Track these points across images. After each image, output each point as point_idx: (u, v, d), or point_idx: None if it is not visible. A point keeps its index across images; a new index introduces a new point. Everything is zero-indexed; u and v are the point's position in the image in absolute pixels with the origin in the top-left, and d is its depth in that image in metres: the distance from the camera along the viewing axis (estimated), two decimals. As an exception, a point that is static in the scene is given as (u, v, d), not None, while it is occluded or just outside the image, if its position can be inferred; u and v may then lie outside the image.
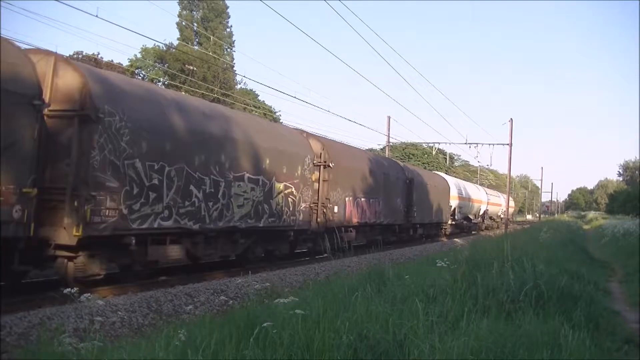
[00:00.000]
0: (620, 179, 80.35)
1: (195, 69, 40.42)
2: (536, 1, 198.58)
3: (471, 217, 38.40)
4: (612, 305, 8.53)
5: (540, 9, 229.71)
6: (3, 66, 7.36)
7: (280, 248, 15.21)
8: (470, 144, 39.57)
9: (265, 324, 4.23)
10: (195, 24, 47.09)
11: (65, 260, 8.82)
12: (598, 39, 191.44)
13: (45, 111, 8.34)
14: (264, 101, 51.03)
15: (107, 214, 8.91)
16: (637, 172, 64.77)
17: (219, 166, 11.50)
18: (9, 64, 7.53)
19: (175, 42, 44.35)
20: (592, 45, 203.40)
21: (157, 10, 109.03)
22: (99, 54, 38.07)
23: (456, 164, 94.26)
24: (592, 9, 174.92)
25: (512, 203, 57.92)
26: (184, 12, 48.79)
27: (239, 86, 50.54)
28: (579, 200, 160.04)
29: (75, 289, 5.55)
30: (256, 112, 48.17)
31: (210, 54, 40.62)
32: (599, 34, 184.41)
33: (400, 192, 23.04)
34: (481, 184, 59.77)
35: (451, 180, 34.79)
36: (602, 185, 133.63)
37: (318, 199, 16.12)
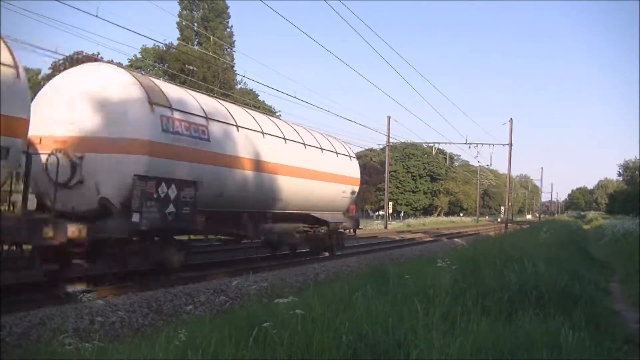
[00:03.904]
0: (620, 179, 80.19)
1: (195, 69, 40.42)
2: (537, 1, 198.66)
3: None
4: (612, 305, 8.52)
5: (540, 9, 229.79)
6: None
7: None
8: (470, 144, 39.70)
9: (265, 324, 4.23)
10: (195, 24, 47.11)
11: None
12: (598, 38, 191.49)
13: None
14: (264, 101, 51.06)
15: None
16: (637, 172, 64.62)
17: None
18: None
19: (175, 42, 44.38)
20: (593, 45, 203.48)
21: (157, 10, 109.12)
22: (99, 53, 38.05)
23: (456, 164, 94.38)
24: (593, 9, 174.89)
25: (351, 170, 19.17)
26: (184, 12, 48.85)
27: (239, 86, 50.55)
28: (579, 200, 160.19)
29: (80, 287, 5.55)
30: (256, 112, 48.12)
31: (210, 54, 40.62)
32: (599, 34, 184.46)
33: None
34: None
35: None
36: (602, 185, 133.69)
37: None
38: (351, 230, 19.10)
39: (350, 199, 18.64)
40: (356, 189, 18.92)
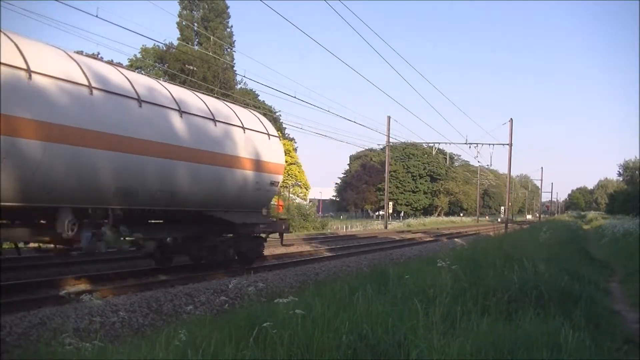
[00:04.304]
0: (620, 179, 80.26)
1: (195, 69, 40.45)
2: (537, 1, 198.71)
3: None
4: (612, 305, 8.52)
5: (541, 9, 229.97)
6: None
7: None
8: (470, 144, 39.72)
9: (265, 324, 4.23)
10: (195, 24, 47.13)
11: None
12: (598, 39, 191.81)
13: None
14: (264, 101, 51.09)
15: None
16: (637, 172, 64.70)
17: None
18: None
19: (176, 42, 44.42)
20: (593, 45, 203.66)
21: (157, 10, 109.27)
22: (99, 53, 38.05)
23: (456, 164, 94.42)
24: (593, 9, 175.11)
25: (270, 152, 14.23)
26: (184, 12, 48.92)
27: (239, 86, 50.59)
28: (579, 200, 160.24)
29: (70, 290, 5.52)
30: (256, 112, 48.14)
31: (210, 54, 40.62)
32: (600, 34, 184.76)
33: None
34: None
35: None
36: (602, 185, 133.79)
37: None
38: (279, 235, 14.66)
39: (271, 193, 14.06)
40: (279, 179, 14.36)
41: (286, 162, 67.20)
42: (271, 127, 14.68)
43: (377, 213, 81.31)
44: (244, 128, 13.02)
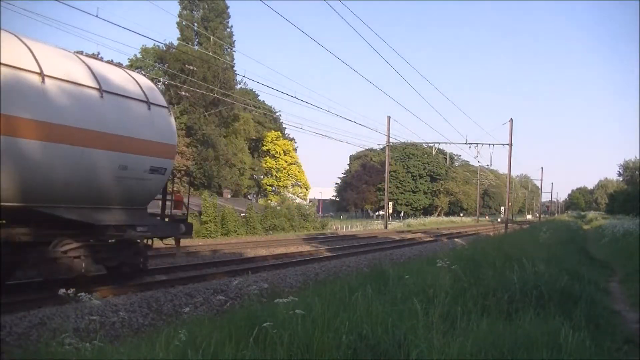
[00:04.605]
0: (620, 179, 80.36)
1: (195, 69, 40.45)
2: (537, 1, 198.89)
3: None
4: (612, 305, 8.52)
5: (540, 9, 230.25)
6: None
7: None
8: (471, 144, 39.75)
9: (265, 324, 4.23)
10: (195, 24, 47.17)
11: None
12: (598, 38, 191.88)
13: None
14: (264, 101, 51.14)
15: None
16: (637, 172, 64.79)
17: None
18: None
19: (176, 42, 44.46)
20: (593, 45, 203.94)
21: (157, 10, 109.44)
22: (99, 53, 38.08)
23: (456, 164, 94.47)
24: (593, 9, 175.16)
25: (151, 126, 10.18)
26: (184, 12, 48.97)
27: (239, 86, 50.66)
28: (579, 200, 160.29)
29: (72, 289, 5.49)
30: (256, 112, 48.28)
31: (210, 54, 40.63)
32: (600, 34, 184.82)
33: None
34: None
35: None
36: (602, 185, 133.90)
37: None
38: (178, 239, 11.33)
39: (152, 183, 10.30)
40: (166, 164, 10.55)
41: (286, 162, 66.52)
42: (156, 95, 10.69)
43: (377, 213, 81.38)
44: (101, 90, 9.21)
